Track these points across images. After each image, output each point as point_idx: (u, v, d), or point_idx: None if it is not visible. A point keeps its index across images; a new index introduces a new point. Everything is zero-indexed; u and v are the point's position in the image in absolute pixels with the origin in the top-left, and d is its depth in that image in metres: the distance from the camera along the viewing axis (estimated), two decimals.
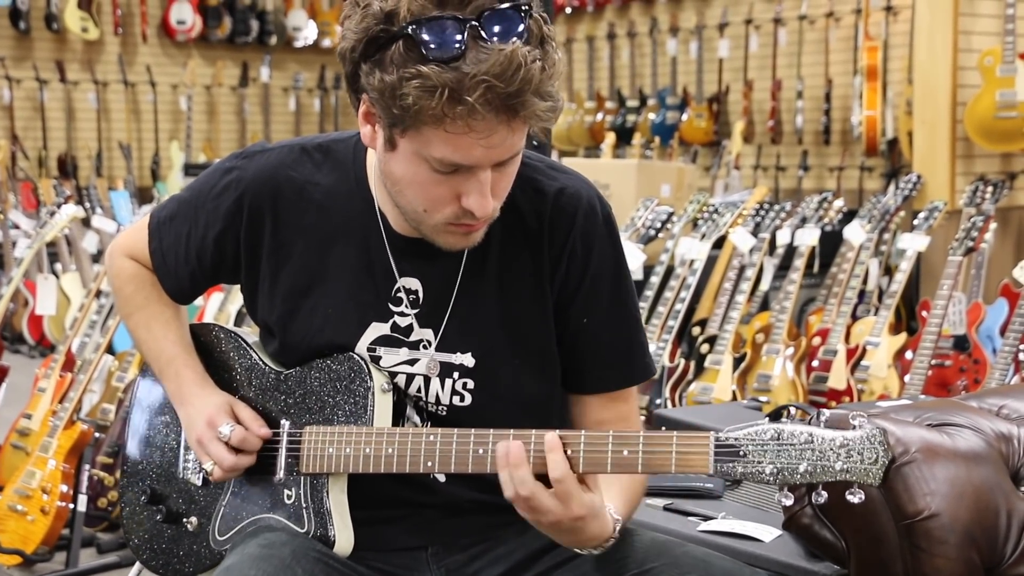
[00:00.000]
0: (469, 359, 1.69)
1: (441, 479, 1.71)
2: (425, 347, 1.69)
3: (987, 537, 1.92)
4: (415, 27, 1.44)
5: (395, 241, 1.69)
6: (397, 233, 1.69)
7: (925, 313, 4.52)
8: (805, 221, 5.28)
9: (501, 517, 1.72)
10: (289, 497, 1.71)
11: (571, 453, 1.50)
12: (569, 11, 9.27)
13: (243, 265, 1.76)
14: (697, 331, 4.85)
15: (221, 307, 5.15)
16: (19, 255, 4.55)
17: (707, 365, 4.59)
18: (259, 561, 1.58)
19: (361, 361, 1.68)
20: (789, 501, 1.46)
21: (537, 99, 1.46)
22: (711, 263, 5.02)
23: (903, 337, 4.66)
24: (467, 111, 1.44)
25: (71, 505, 3.52)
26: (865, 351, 4.61)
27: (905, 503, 1.92)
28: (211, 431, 1.73)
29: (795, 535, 2.17)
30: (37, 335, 6.75)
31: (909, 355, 4.54)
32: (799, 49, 7.88)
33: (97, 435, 3.68)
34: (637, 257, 4.52)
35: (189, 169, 9.08)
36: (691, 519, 2.33)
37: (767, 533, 2.22)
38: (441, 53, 1.43)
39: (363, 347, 1.70)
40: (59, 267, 6.45)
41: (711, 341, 4.68)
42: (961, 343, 4.67)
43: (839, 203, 5.58)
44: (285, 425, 1.73)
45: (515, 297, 1.69)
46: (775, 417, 1.94)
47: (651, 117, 8.61)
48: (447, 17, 1.45)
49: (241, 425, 1.73)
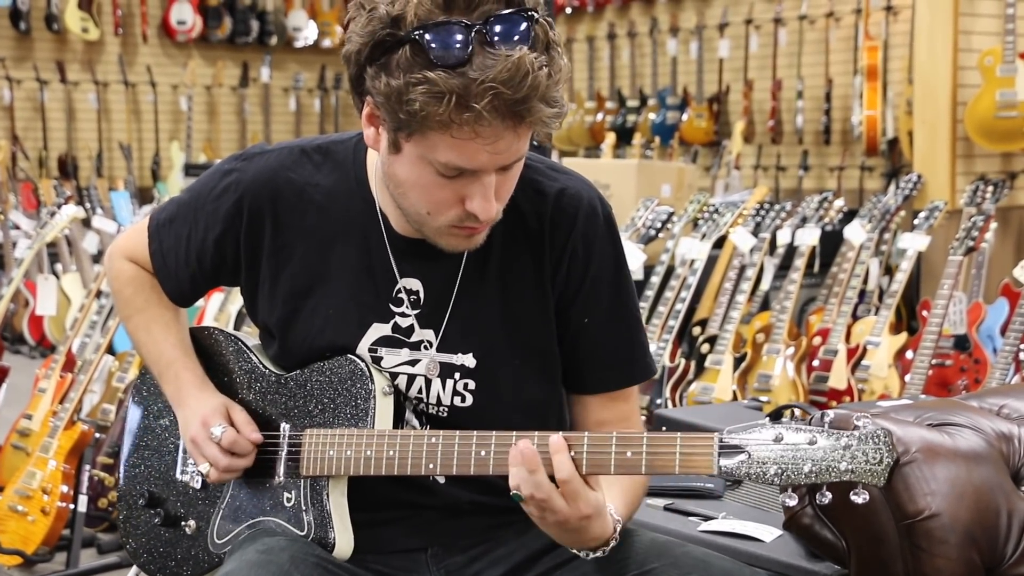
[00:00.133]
0: (470, 360, 1.69)
1: (441, 481, 1.71)
2: (426, 348, 1.69)
3: (988, 537, 1.92)
4: (422, 32, 1.44)
5: (396, 242, 1.69)
6: (398, 234, 1.69)
7: (926, 313, 4.52)
8: (805, 221, 5.28)
9: (501, 518, 1.72)
10: (289, 500, 1.71)
11: (575, 454, 1.50)
12: (569, 11, 9.27)
13: (243, 267, 1.75)
14: (697, 331, 4.85)
15: (221, 308, 5.15)
16: (19, 255, 4.55)
17: (707, 365, 4.58)
18: (257, 567, 1.57)
19: (362, 364, 1.68)
20: (792, 501, 1.46)
21: (543, 105, 1.46)
22: (711, 263, 5.01)
23: (903, 337, 4.66)
24: (474, 117, 1.44)
25: (71, 505, 3.51)
26: (866, 351, 4.61)
27: (905, 503, 1.92)
28: (204, 431, 1.73)
29: (795, 535, 2.17)
30: (37, 335, 6.75)
31: (910, 355, 4.54)
32: (799, 49, 7.88)
33: (97, 435, 3.67)
34: (637, 257, 4.51)
35: (189, 169, 9.08)
36: (691, 519, 2.33)
37: (767, 533, 2.22)
38: (448, 58, 1.43)
39: (364, 348, 1.70)
40: (59, 267, 6.45)
41: (711, 341, 4.67)
42: (962, 343, 4.67)
43: (839, 203, 5.58)
44: (285, 428, 1.73)
45: (516, 298, 1.69)
46: (776, 417, 1.95)
47: (651, 117, 8.61)
48: (454, 22, 1.44)
49: (233, 427, 1.73)
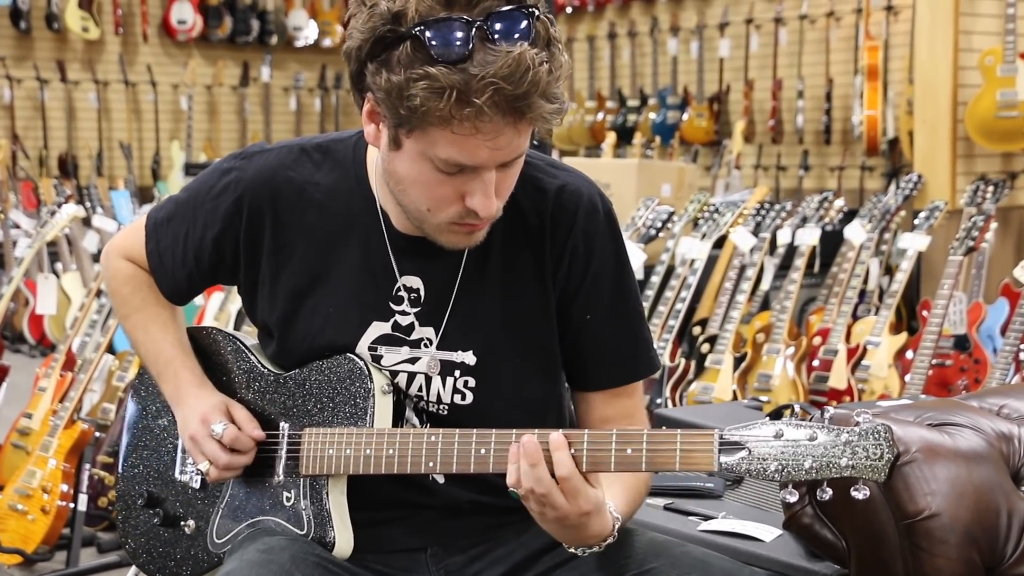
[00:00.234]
0: (471, 357, 1.69)
1: (440, 480, 1.71)
2: (426, 346, 1.69)
3: (988, 537, 1.92)
4: (423, 28, 1.44)
5: (396, 239, 1.69)
6: (398, 231, 1.69)
7: (926, 313, 4.52)
8: (806, 221, 5.28)
9: (500, 518, 1.72)
10: (288, 499, 1.71)
11: (575, 452, 1.50)
12: (570, 11, 9.27)
13: (242, 266, 1.75)
14: (698, 331, 4.85)
15: (221, 307, 5.15)
16: (20, 254, 4.55)
17: (708, 365, 4.58)
18: (258, 567, 1.57)
19: (361, 363, 1.68)
20: (793, 498, 1.46)
21: (544, 101, 1.46)
22: (712, 263, 5.01)
23: (904, 337, 4.66)
24: (475, 113, 1.44)
25: (71, 504, 3.51)
26: (866, 351, 4.61)
27: (906, 503, 1.92)
28: (204, 428, 1.73)
29: (795, 535, 2.16)
30: (37, 334, 6.75)
31: (910, 355, 4.54)
32: (800, 49, 7.88)
33: (97, 434, 3.67)
34: (638, 256, 4.51)
35: (190, 169, 9.07)
36: (691, 519, 2.33)
37: (767, 533, 2.22)
38: (449, 54, 1.43)
39: (364, 346, 1.70)
40: (60, 266, 6.45)
41: (712, 341, 4.67)
42: (962, 343, 4.66)
43: (840, 203, 5.58)
44: (284, 427, 1.72)
45: (517, 295, 1.69)
46: (776, 416, 1.94)
47: (652, 117, 8.60)
48: (455, 18, 1.44)
49: (234, 425, 1.73)
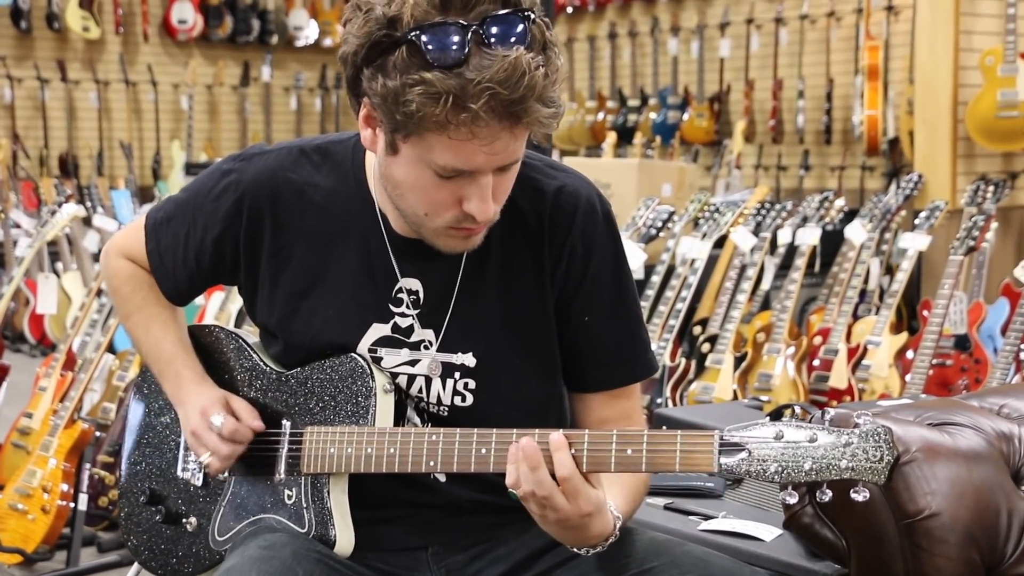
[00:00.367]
0: (470, 359, 1.69)
1: (441, 479, 1.71)
2: (426, 347, 1.69)
3: (988, 536, 1.92)
4: (418, 33, 1.44)
5: (395, 242, 1.69)
6: (397, 234, 1.69)
7: (926, 312, 4.52)
8: (806, 220, 5.28)
9: (502, 517, 1.72)
10: (290, 497, 1.71)
11: (575, 452, 1.50)
12: (570, 11, 9.27)
13: (242, 267, 1.75)
14: (698, 330, 4.85)
15: (222, 307, 5.15)
16: (20, 254, 4.55)
17: (708, 364, 4.58)
18: (260, 563, 1.57)
19: (363, 361, 1.68)
20: (793, 499, 1.45)
21: (540, 105, 1.46)
22: (712, 262, 5.01)
23: (904, 336, 4.66)
24: (471, 118, 1.44)
25: (72, 504, 3.51)
26: (866, 350, 4.61)
27: (906, 502, 1.92)
28: (204, 421, 1.73)
29: (796, 534, 2.16)
30: (38, 334, 6.75)
31: (910, 354, 4.54)
32: (800, 49, 7.88)
33: (98, 434, 3.67)
34: (638, 256, 4.51)
35: (190, 168, 9.08)
36: (692, 518, 2.33)
37: (768, 532, 2.22)
38: (444, 59, 1.43)
39: (364, 348, 1.70)
40: (60, 266, 6.45)
41: (712, 340, 4.67)
42: (962, 342, 4.66)
43: (840, 202, 5.58)
44: (286, 425, 1.73)
45: (516, 296, 1.69)
46: (776, 416, 1.94)
47: (652, 116, 8.61)
48: (450, 23, 1.44)
49: (233, 417, 1.73)
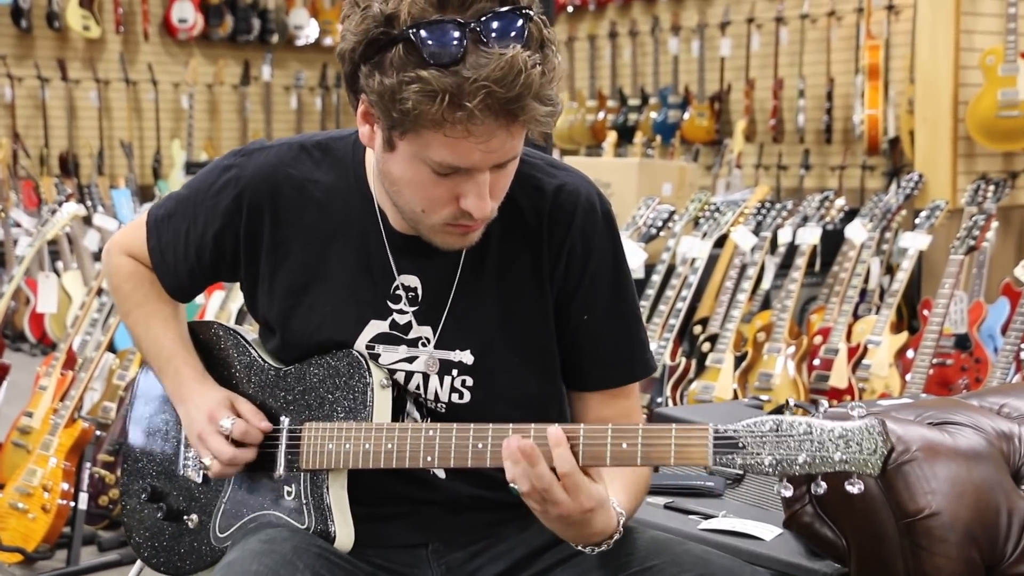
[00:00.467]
0: (468, 356, 1.69)
1: (441, 475, 1.71)
2: (424, 344, 1.69)
3: (988, 536, 1.92)
4: (415, 30, 1.44)
5: (394, 239, 1.69)
6: (396, 231, 1.69)
7: (926, 312, 4.52)
8: (807, 220, 5.28)
9: (502, 514, 1.72)
10: (289, 493, 1.71)
11: (571, 447, 1.50)
12: (571, 10, 9.27)
13: (242, 263, 1.75)
14: (698, 330, 4.85)
15: (222, 305, 5.15)
16: (20, 253, 4.55)
17: (708, 364, 4.58)
18: (261, 556, 1.58)
19: (360, 357, 1.68)
20: (788, 492, 1.46)
21: (537, 104, 1.46)
22: (712, 262, 5.01)
23: (904, 336, 4.66)
24: (467, 116, 1.44)
25: (72, 503, 3.51)
26: (866, 350, 4.61)
27: (906, 501, 1.92)
28: (212, 425, 1.73)
29: (796, 533, 2.16)
30: (38, 333, 6.76)
31: (910, 354, 4.54)
32: (801, 48, 7.88)
33: (98, 433, 3.67)
34: (638, 256, 4.51)
35: (190, 167, 9.09)
36: (692, 517, 2.33)
37: (768, 531, 2.22)
38: (441, 57, 1.43)
39: (362, 345, 1.70)
40: (60, 265, 6.45)
41: (712, 340, 4.67)
42: (962, 342, 4.66)
43: (840, 202, 5.58)
44: (285, 422, 1.73)
45: (514, 295, 1.69)
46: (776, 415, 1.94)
47: (653, 116, 8.61)
48: (447, 21, 1.44)
49: (242, 419, 1.73)
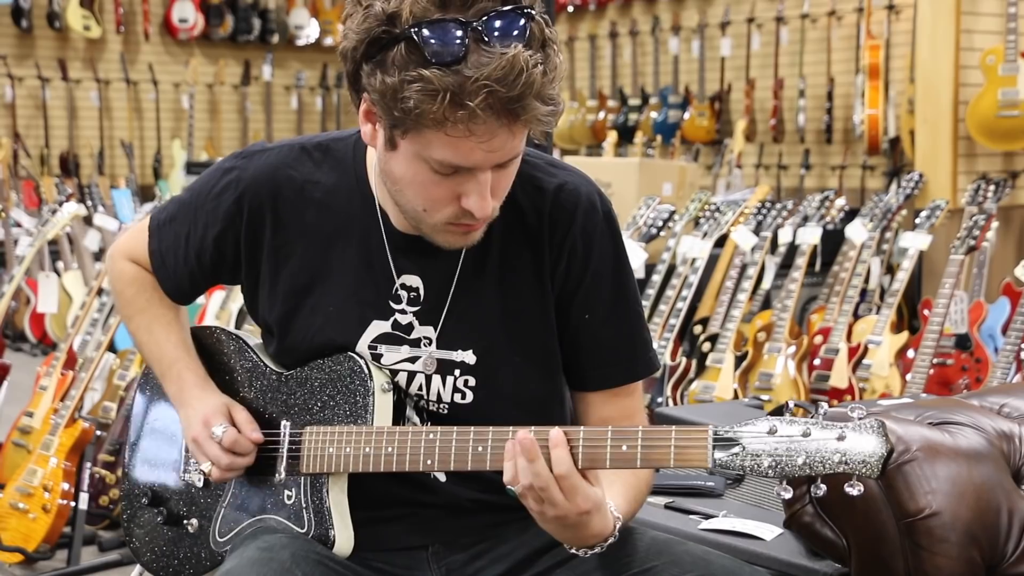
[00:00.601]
0: (470, 356, 1.69)
1: (441, 478, 1.71)
2: (426, 344, 1.69)
3: (988, 535, 1.92)
4: (417, 29, 1.44)
5: (395, 239, 1.69)
6: (397, 231, 1.69)
7: (927, 312, 4.52)
8: (807, 220, 5.28)
9: (502, 516, 1.72)
10: (289, 497, 1.71)
11: (571, 448, 1.50)
12: (571, 10, 9.27)
13: (243, 265, 1.75)
14: (699, 329, 4.85)
15: (223, 306, 5.16)
16: (21, 253, 4.55)
17: (708, 364, 4.58)
18: (258, 565, 1.57)
19: (361, 361, 1.68)
20: (788, 494, 1.46)
21: (538, 103, 1.46)
22: (713, 261, 5.01)
23: (905, 336, 4.66)
24: (468, 115, 1.44)
25: (73, 503, 3.51)
26: (867, 350, 4.61)
27: (906, 501, 1.92)
28: (206, 431, 1.74)
29: (796, 533, 2.16)
30: (39, 333, 6.76)
31: (911, 354, 4.54)
32: (801, 48, 7.88)
33: (99, 433, 3.67)
34: (639, 255, 4.51)
35: (191, 167, 9.09)
36: (692, 517, 2.33)
37: (768, 531, 2.22)
38: (443, 56, 1.43)
39: (364, 345, 1.70)
40: (61, 265, 6.45)
41: (713, 340, 4.67)
42: (963, 342, 4.66)
43: (841, 202, 5.58)
44: (286, 425, 1.73)
45: (516, 294, 1.69)
46: (776, 415, 1.94)
47: (653, 116, 8.60)
48: (449, 20, 1.44)
49: (235, 427, 1.73)
